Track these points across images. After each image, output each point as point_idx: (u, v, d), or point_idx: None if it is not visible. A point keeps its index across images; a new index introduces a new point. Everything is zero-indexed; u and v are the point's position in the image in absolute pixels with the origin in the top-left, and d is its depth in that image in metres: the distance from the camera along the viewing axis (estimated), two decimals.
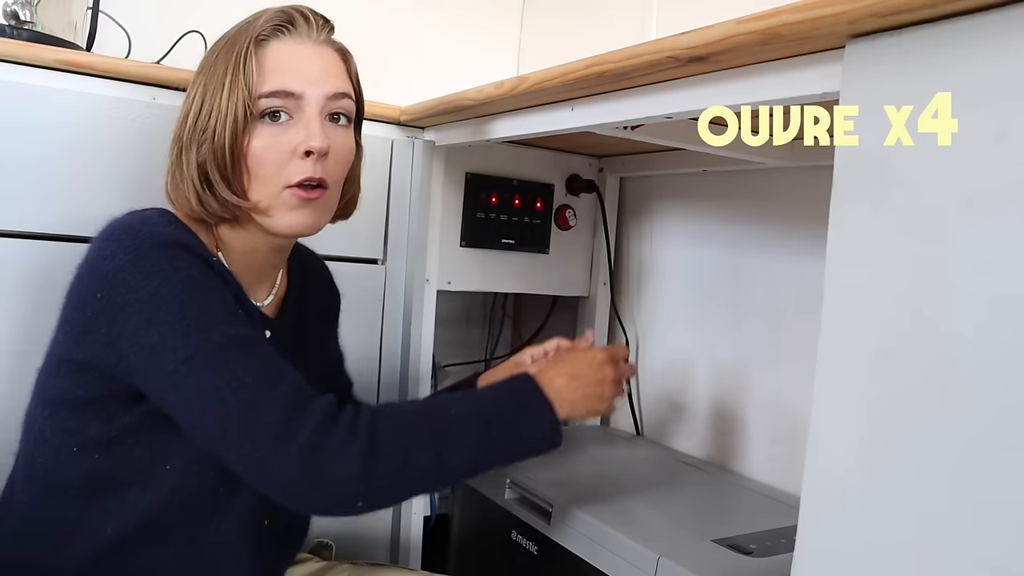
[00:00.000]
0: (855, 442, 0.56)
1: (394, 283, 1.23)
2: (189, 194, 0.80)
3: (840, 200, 0.58)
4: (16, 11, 1.03)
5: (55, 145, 0.95)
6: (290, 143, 0.79)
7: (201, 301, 0.73)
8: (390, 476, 0.74)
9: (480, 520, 1.23)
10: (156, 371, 0.72)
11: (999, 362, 0.48)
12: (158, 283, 0.72)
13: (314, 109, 0.80)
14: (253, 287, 0.88)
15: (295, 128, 0.80)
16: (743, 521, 1.02)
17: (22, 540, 0.79)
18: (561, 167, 1.44)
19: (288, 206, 0.80)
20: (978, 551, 0.49)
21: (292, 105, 0.80)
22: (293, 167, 0.79)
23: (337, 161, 0.83)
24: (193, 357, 0.71)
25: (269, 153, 0.79)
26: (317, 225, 0.83)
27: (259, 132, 0.79)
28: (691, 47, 0.67)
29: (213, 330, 0.72)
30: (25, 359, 0.89)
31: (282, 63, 0.80)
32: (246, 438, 0.70)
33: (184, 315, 0.72)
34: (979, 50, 0.50)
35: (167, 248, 0.74)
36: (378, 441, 0.73)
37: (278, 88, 0.79)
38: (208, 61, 0.82)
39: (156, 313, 0.71)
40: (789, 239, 1.20)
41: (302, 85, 0.80)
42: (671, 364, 1.41)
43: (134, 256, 0.73)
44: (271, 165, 0.79)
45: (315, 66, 0.81)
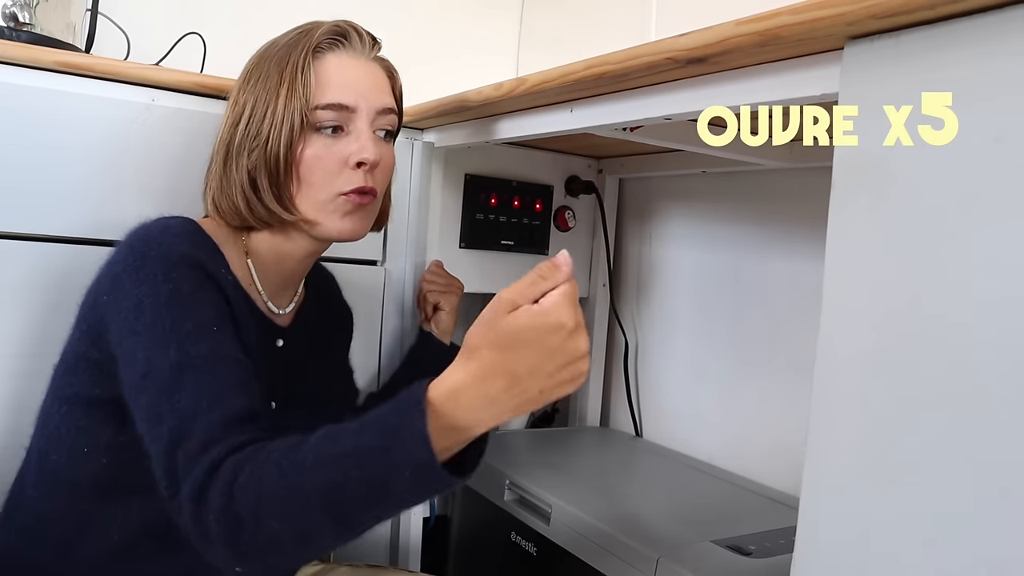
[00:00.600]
0: (854, 443, 0.56)
1: (393, 284, 1.23)
2: (237, 199, 0.83)
3: (839, 201, 0.58)
4: (15, 13, 1.03)
5: (53, 147, 0.95)
6: (342, 153, 0.82)
7: (176, 315, 0.72)
8: (250, 547, 0.63)
9: (479, 521, 1.23)
10: (126, 380, 0.72)
11: (999, 363, 0.48)
12: (145, 292, 0.72)
13: (365, 122, 0.83)
14: (278, 294, 0.90)
15: (347, 140, 0.83)
16: (742, 522, 1.02)
17: (30, 536, 0.80)
18: (560, 168, 1.44)
19: (341, 211, 0.83)
20: (978, 551, 0.49)
21: (345, 117, 0.83)
22: (344, 177, 0.82)
23: (384, 173, 0.86)
24: (149, 373, 0.70)
25: (321, 163, 0.82)
26: (364, 231, 0.86)
27: (312, 142, 0.82)
28: (690, 48, 0.67)
29: (174, 349, 0.70)
30: (34, 360, 0.90)
31: (339, 76, 0.83)
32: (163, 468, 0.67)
33: (156, 328, 0.71)
34: (978, 51, 0.50)
35: (169, 259, 0.74)
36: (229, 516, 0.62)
37: (335, 101, 0.82)
38: (260, 68, 0.84)
39: (136, 322, 0.72)
40: (788, 240, 1.20)
41: (356, 99, 0.83)
42: (670, 365, 1.41)
43: (138, 263, 0.74)
44: (323, 174, 0.82)
45: (367, 81, 0.85)
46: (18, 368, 0.93)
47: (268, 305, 0.89)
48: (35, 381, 0.84)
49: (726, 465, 1.28)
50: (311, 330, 0.96)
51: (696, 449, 1.34)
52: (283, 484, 0.61)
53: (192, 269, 0.75)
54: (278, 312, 0.91)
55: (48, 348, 0.83)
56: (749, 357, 1.25)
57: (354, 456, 0.60)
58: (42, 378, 0.83)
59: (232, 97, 0.85)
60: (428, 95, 1.12)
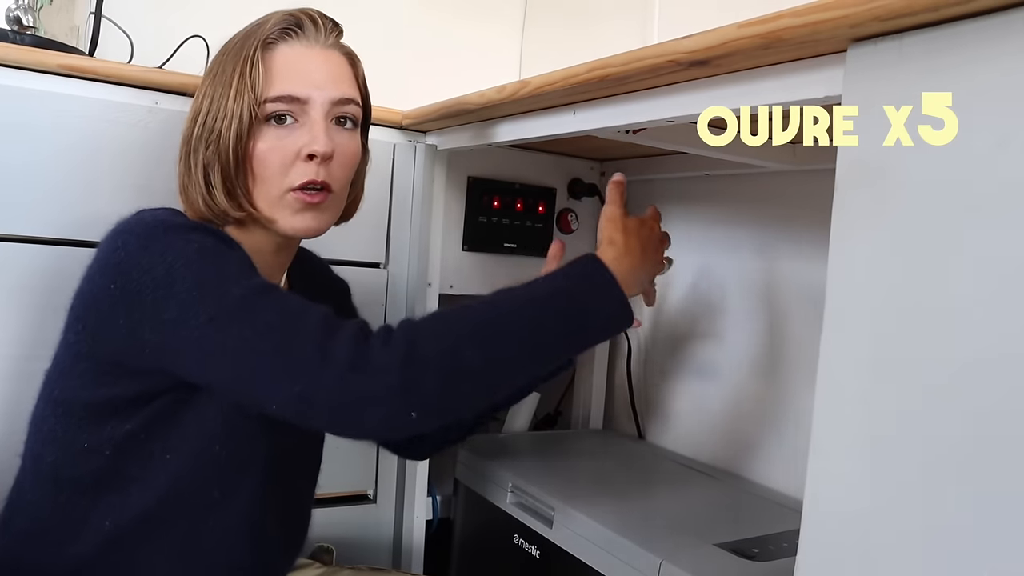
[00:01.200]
0: (857, 445, 0.56)
1: (396, 287, 1.23)
2: (196, 196, 0.81)
3: (842, 204, 0.58)
4: (19, 16, 1.04)
5: (57, 150, 0.95)
6: (294, 146, 0.80)
7: (216, 264, 0.72)
8: (436, 379, 0.69)
9: (482, 524, 1.23)
10: (182, 343, 0.70)
11: (1002, 364, 0.48)
12: (172, 258, 0.71)
13: (319, 113, 0.81)
14: None
15: (300, 131, 0.80)
16: (745, 525, 1.02)
17: (29, 539, 0.79)
18: (563, 171, 1.44)
19: (292, 209, 0.81)
20: (981, 554, 0.49)
21: (297, 109, 0.80)
22: (296, 170, 0.80)
23: (342, 164, 0.83)
24: (216, 316, 0.69)
25: (273, 156, 0.80)
26: (321, 227, 0.84)
27: (264, 135, 0.80)
28: (692, 51, 0.67)
29: (232, 286, 0.70)
30: (29, 363, 0.90)
31: (289, 67, 0.81)
32: (285, 377, 0.68)
33: (201, 281, 0.71)
34: (981, 54, 0.50)
35: (177, 229, 0.74)
36: (415, 346, 0.69)
37: (284, 93, 0.79)
38: (216, 63, 0.83)
39: (172, 287, 0.70)
40: (791, 242, 1.20)
41: (308, 90, 0.80)
42: (673, 366, 1.41)
43: (145, 241, 0.73)
44: (274, 167, 0.80)
45: (322, 70, 0.82)
46: (14, 371, 0.93)
47: None
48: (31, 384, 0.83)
49: (729, 468, 1.27)
50: None
51: (698, 452, 1.34)
52: (482, 318, 0.72)
53: (206, 233, 0.75)
54: None
55: (43, 351, 0.83)
56: (752, 359, 1.25)
57: (554, 298, 0.75)
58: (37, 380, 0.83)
59: (196, 92, 0.84)
60: (431, 98, 1.12)
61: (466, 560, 1.29)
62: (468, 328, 0.71)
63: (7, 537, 0.81)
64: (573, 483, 1.14)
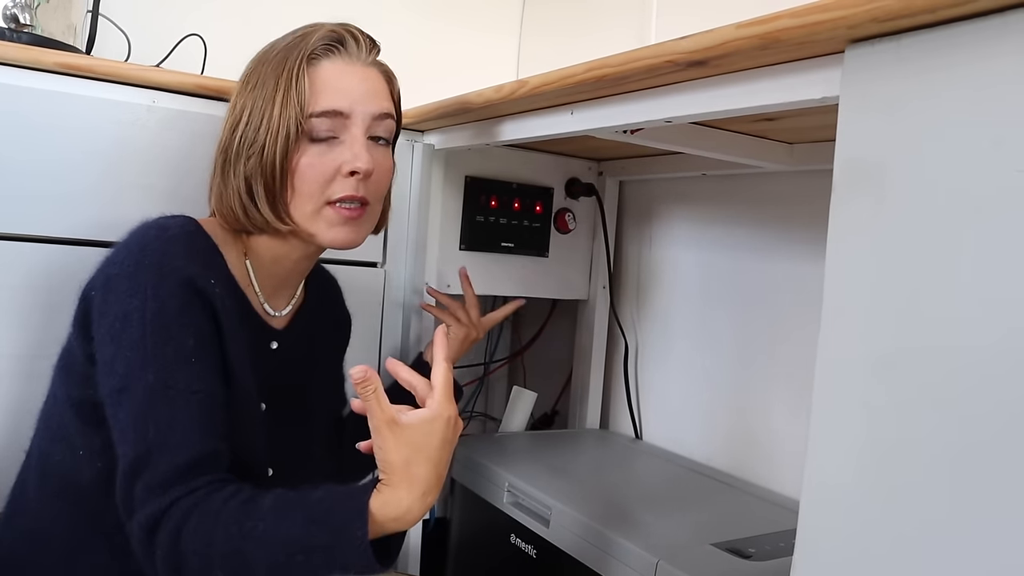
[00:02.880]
0: (854, 446, 0.56)
1: (393, 286, 1.23)
2: (235, 205, 0.83)
3: (839, 204, 0.58)
4: (16, 15, 1.03)
5: (54, 148, 0.95)
6: (335, 162, 0.81)
7: (159, 339, 0.73)
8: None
9: (479, 524, 1.23)
10: (103, 386, 0.74)
11: (999, 367, 0.48)
12: (136, 305, 0.73)
13: (359, 129, 0.82)
14: (274, 295, 0.90)
15: (340, 147, 0.82)
16: (742, 525, 1.02)
17: (32, 540, 0.79)
18: (561, 171, 1.44)
19: (330, 222, 0.83)
20: (978, 557, 0.49)
21: (339, 124, 0.82)
22: (336, 185, 0.82)
23: (378, 180, 0.85)
24: (125, 390, 0.72)
25: (314, 171, 0.81)
26: (358, 240, 0.86)
27: (306, 150, 0.81)
28: (690, 51, 0.67)
29: (152, 373, 0.72)
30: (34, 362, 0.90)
31: (333, 82, 0.82)
32: (126, 487, 0.71)
33: (138, 346, 0.73)
34: (978, 55, 0.50)
35: (162, 270, 0.75)
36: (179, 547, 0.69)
37: (329, 108, 0.81)
38: (256, 74, 0.84)
39: (120, 333, 0.73)
40: (788, 243, 1.20)
41: (351, 105, 0.82)
42: (670, 367, 1.41)
43: (133, 269, 0.75)
44: (315, 183, 0.81)
45: (363, 86, 0.83)
46: (19, 370, 0.93)
47: (264, 306, 0.89)
48: (36, 383, 0.84)
49: (726, 468, 1.28)
50: (307, 333, 0.96)
51: (696, 451, 1.34)
52: (232, 546, 0.67)
53: (182, 287, 0.75)
54: (274, 314, 0.91)
55: (48, 350, 0.83)
56: (749, 359, 1.25)
57: (300, 544, 0.67)
58: (43, 380, 0.83)
59: (232, 100, 0.85)
60: (429, 97, 1.12)
61: (463, 559, 1.29)
62: (219, 550, 0.68)
63: (11, 536, 0.81)
64: (570, 483, 1.14)
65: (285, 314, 0.93)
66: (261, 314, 0.89)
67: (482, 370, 1.70)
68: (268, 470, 0.88)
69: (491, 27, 1.84)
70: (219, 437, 0.74)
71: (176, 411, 0.72)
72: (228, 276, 0.83)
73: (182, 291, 0.75)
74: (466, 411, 1.70)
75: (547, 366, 1.68)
